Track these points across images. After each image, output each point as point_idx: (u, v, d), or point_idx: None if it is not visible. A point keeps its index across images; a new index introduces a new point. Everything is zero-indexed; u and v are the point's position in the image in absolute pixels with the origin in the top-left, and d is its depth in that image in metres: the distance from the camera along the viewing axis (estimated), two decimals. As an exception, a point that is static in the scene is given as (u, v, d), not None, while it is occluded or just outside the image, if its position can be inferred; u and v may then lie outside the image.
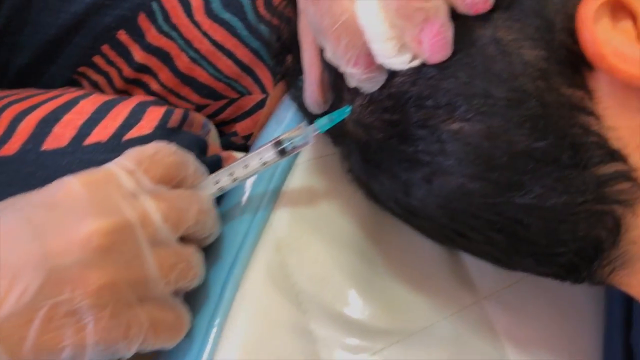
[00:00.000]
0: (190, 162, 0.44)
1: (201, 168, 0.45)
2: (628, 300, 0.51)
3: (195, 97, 0.59)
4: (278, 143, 0.44)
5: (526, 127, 0.36)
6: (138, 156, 0.42)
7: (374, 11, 0.36)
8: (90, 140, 0.47)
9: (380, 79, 0.39)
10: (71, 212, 0.38)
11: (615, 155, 0.36)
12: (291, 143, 0.44)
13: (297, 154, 0.50)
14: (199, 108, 0.61)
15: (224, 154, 0.54)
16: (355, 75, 0.38)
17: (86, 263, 0.37)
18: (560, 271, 0.42)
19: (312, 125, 0.44)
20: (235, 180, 0.45)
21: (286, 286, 0.45)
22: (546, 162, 0.36)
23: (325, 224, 0.48)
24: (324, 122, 0.43)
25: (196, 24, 0.55)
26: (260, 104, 0.61)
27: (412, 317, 0.48)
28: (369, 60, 0.38)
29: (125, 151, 0.43)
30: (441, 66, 0.37)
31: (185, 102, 0.60)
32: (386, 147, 0.40)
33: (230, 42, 0.56)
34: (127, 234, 0.38)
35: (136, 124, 0.48)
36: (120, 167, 0.41)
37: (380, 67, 0.38)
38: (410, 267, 0.49)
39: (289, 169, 0.49)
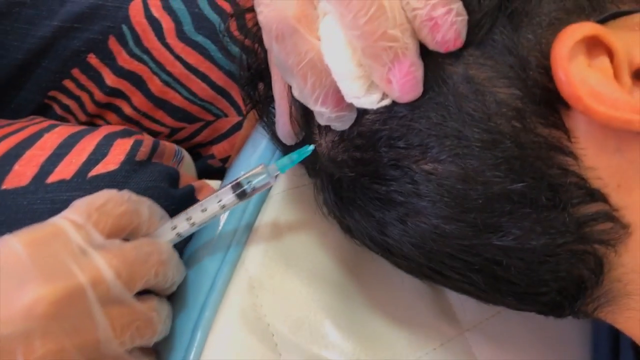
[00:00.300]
0: (145, 208, 0.42)
1: (158, 212, 0.43)
2: (614, 329, 0.49)
3: (169, 121, 0.58)
4: (237, 185, 0.43)
5: (502, 168, 0.35)
6: (86, 208, 0.40)
7: (341, 49, 0.35)
8: (54, 178, 0.45)
9: (350, 118, 0.37)
10: (13, 277, 0.36)
11: (596, 195, 0.35)
12: (251, 185, 0.42)
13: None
14: (174, 131, 0.59)
15: (197, 183, 0.52)
16: (324, 114, 0.37)
17: (30, 332, 0.34)
18: (543, 309, 0.41)
19: (272, 165, 0.42)
20: (193, 225, 0.43)
21: (260, 328, 0.44)
22: (524, 204, 0.35)
23: (300, 259, 0.46)
24: (285, 162, 0.42)
25: (168, 47, 0.54)
26: (237, 126, 0.59)
27: (394, 353, 0.46)
28: (337, 99, 0.36)
29: (73, 203, 0.40)
30: (412, 105, 0.35)
31: (160, 126, 0.58)
32: (358, 185, 0.39)
33: (203, 65, 0.55)
34: (76, 297, 0.36)
35: (102, 158, 0.46)
36: (68, 221, 0.39)
37: (349, 106, 0.37)
38: (391, 300, 0.47)
39: (262, 201, 0.47)
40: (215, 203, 0.43)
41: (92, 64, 0.54)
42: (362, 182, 0.38)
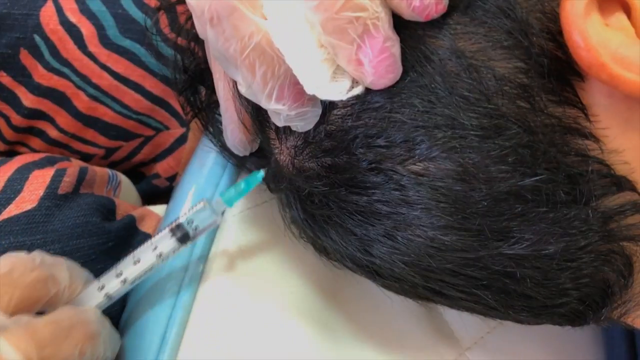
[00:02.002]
0: (63, 271, 0.34)
1: (81, 273, 0.36)
2: (630, 332, 0.43)
3: (102, 140, 0.50)
4: (177, 228, 0.36)
5: (509, 161, 0.28)
6: None
7: (294, 28, 0.27)
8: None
9: (314, 115, 0.30)
10: None
11: (622, 184, 0.29)
12: (192, 225, 0.36)
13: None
14: (110, 151, 0.52)
15: (139, 211, 0.44)
16: (281, 113, 0.30)
17: None
18: (561, 321, 0.35)
19: (217, 199, 0.36)
20: (125, 282, 0.35)
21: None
22: (538, 202, 0.29)
23: (268, 292, 0.39)
24: (232, 195, 0.35)
25: (92, 57, 0.47)
26: (181, 139, 0.52)
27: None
28: (295, 91, 0.29)
29: None
30: (390, 92, 0.29)
31: (92, 147, 0.51)
32: (333, 198, 0.32)
33: (135, 73, 0.48)
34: None
35: (15, 196, 0.38)
36: None
37: (311, 99, 0.30)
38: (380, 327, 0.40)
39: (216, 227, 0.39)
40: (150, 252, 0.35)
41: (4, 84, 0.46)
42: (336, 194, 0.31)
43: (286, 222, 0.37)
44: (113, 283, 0.35)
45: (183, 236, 0.35)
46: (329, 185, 0.31)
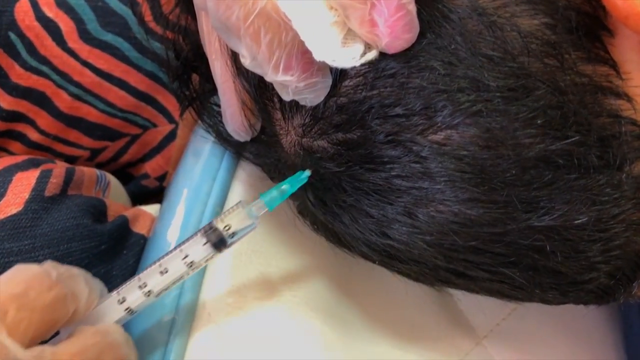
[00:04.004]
0: (82, 285, 0.30)
1: (96, 284, 0.31)
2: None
3: (87, 141, 0.47)
4: (212, 232, 0.31)
5: (537, 123, 0.26)
6: None
7: None
8: None
9: (325, 86, 0.28)
10: None
11: None
12: (229, 232, 0.31)
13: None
14: (95, 152, 0.49)
15: (131, 212, 0.41)
16: (289, 84, 0.27)
17: None
18: (589, 298, 0.32)
19: (258, 202, 0.32)
20: (150, 294, 0.31)
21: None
22: (568, 169, 0.26)
23: (279, 287, 0.36)
24: (274, 197, 0.32)
25: (72, 53, 0.43)
26: (170, 136, 0.49)
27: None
28: (304, 60, 0.26)
29: None
30: (407, 56, 0.26)
31: (77, 149, 0.48)
32: (346, 178, 0.29)
33: (118, 69, 0.45)
34: None
35: None
36: None
37: (321, 69, 0.27)
38: (394, 320, 0.38)
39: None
40: (179, 260, 0.31)
41: None
42: (350, 173, 0.29)
43: (294, 212, 0.35)
44: (135, 295, 0.31)
45: (219, 242, 0.31)
46: (342, 165, 0.29)
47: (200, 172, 0.40)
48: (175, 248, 0.32)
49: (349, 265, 0.37)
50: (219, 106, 0.34)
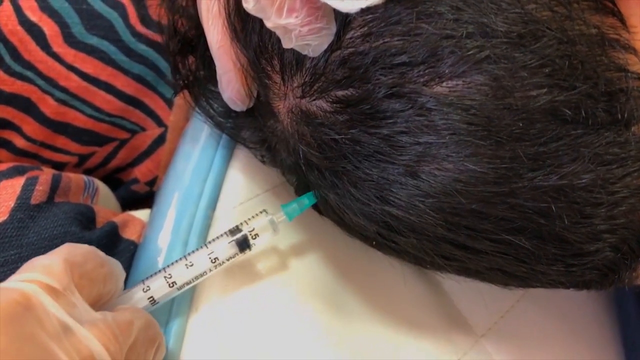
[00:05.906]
0: (118, 267, 0.32)
1: (123, 273, 0.32)
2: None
3: (74, 147, 0.46)
4: (237, 232, 0.34)
5: (545, 72, 0.25)
6: (64, 268, 0.27)
7: None
8: None
9: (328, 33, 0.26)
10: None
11: None
12: (252, 234, 0.34)
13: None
14: (83, 158, 0.47)
15: (120, 218, 0.40)
16: (292, 28, 0.26)
17: None
18: (593, 276, 0.30)
19: (279, 214, 0.34)
20: (173, 286, 0.32)
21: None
22: (575, 122, 0.25)
23: (277, 277, 0.35)
24: (295, 209, 0.34)
25: (57, 57, 0.42)
26: (160, 140, 0.48)
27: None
28: (309, 4, 0.25)
29: (32, 261, 0.28)
30: (414, 1, 0.25)
31: (64, 155, 0.46)
32: (346, 142, 0.28)
33: (105, 72, 0.43)
34: None
35: None
36: (40, 286, 0.26)
37: (326, 15, 0.26)
38: (393, 318, 0.37)
39: (207, 228, 0.35)
40: (205, 256, 0.33)
41: None
42: (350, 137, 0.28)
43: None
44: (159, 283, 0.32)
45: (243, 242, 0.33)
46: (343, 126, 0.27)
47: (190, 175, 0.39)
48: (204, 247, 0.33)
49: (349, 263, 0.36)
50: (213, 90, 0.34)
